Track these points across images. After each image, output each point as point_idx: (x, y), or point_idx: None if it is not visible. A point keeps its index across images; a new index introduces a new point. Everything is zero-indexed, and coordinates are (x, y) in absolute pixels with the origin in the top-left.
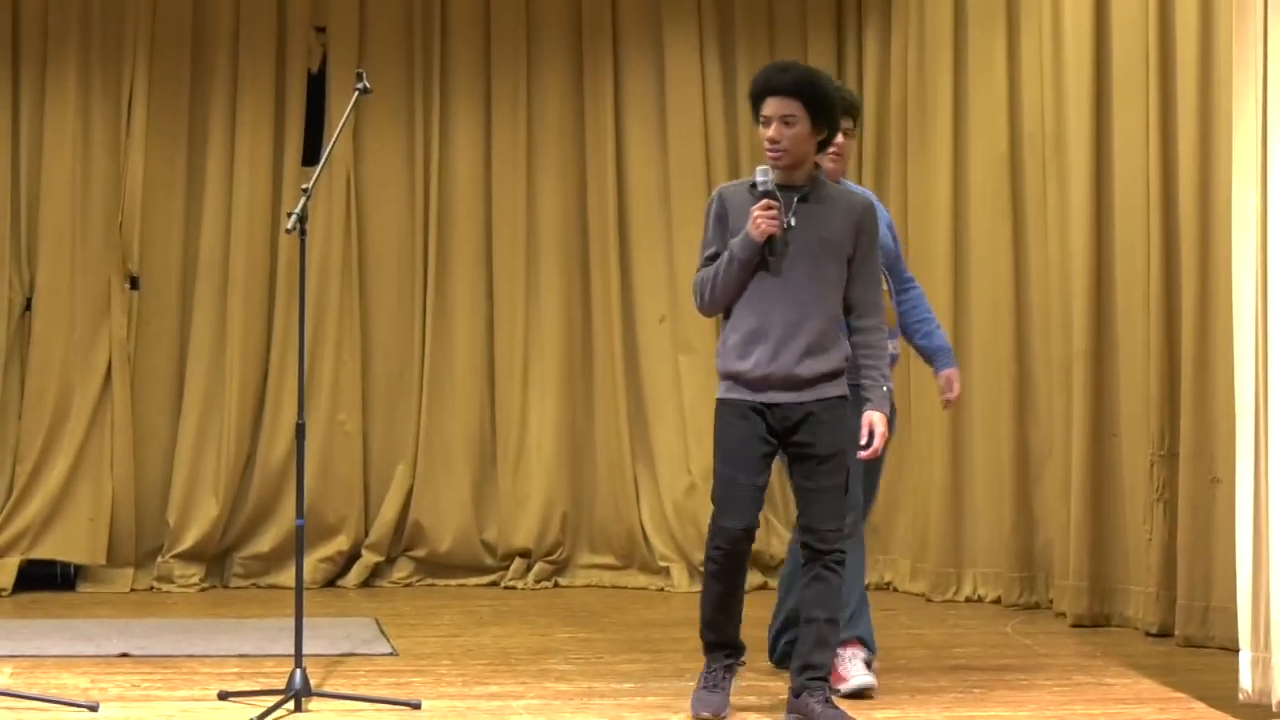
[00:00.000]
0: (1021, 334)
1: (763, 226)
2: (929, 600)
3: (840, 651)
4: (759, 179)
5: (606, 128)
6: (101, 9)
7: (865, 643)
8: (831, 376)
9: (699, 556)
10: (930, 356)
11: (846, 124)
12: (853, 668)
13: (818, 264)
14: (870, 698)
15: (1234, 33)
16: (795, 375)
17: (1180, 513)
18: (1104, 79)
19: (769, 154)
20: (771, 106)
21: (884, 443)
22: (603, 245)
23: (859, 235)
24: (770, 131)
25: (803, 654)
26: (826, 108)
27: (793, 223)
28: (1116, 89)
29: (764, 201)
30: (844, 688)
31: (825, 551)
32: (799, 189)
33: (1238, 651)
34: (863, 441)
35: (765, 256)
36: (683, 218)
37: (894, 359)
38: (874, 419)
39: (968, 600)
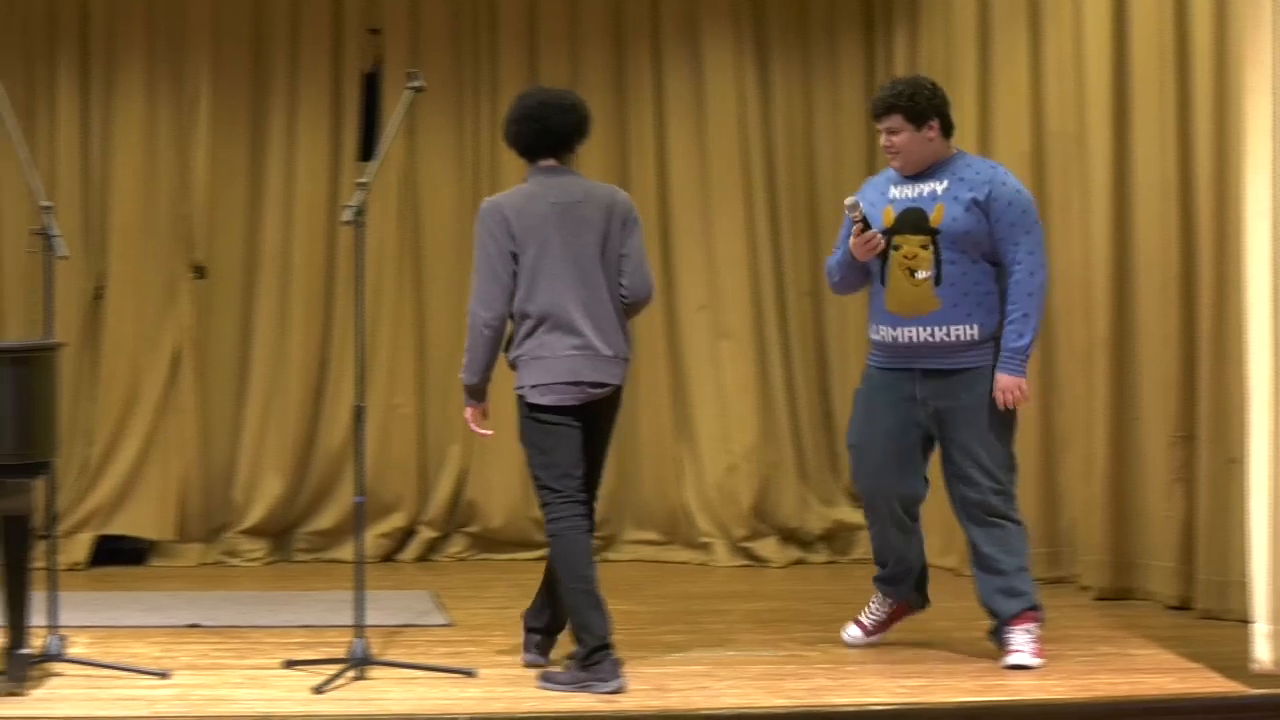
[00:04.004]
0: (1047, 323)
1: None
2: (959, 575)
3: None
4: None
5: (647, 125)
6: (165, 11)
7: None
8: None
9: (740, 533)
10: None
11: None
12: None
13: None
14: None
15: (1247, 28)
16: None
17: (1199, 492)
18: (1123, 75)
19: None
20: None
21: None
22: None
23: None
24: None
25: None
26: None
27: None
28: (1136, 85)
29: None
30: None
31: None
32: None
33: (1253, 624)
34: None
35: None
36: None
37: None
38: None
39: None
